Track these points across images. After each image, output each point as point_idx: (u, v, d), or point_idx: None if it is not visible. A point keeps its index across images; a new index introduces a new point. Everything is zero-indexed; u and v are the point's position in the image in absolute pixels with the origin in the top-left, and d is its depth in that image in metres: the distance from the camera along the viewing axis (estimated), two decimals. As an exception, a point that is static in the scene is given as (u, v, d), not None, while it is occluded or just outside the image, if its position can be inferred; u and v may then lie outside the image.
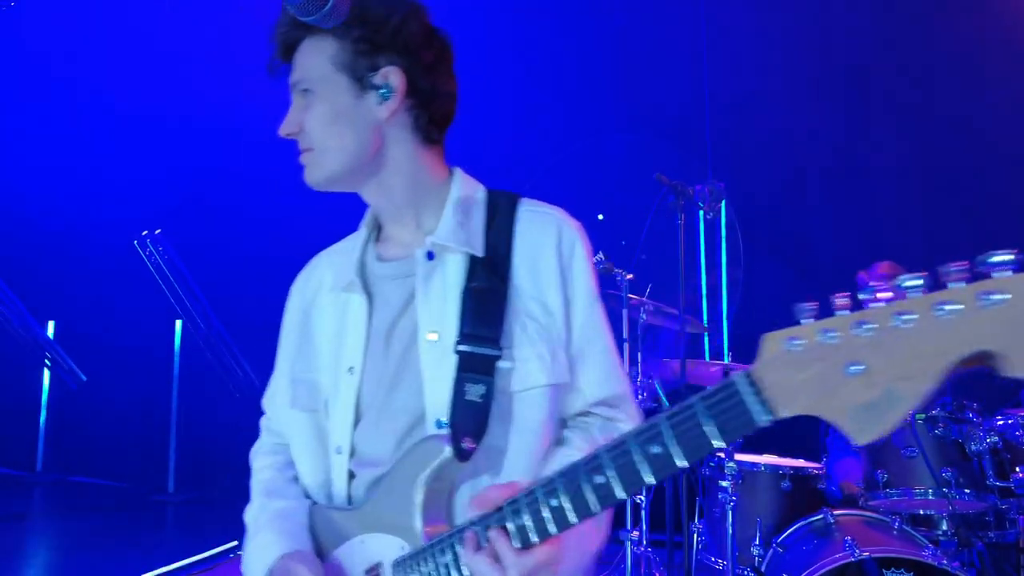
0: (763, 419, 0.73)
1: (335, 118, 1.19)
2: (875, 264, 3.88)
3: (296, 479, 1.31)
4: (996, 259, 0.61)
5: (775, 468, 3.10)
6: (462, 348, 1.13)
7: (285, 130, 1.21)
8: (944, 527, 2.92)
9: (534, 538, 0.93)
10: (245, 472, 1.42)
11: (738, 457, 3.14)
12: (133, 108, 7.72)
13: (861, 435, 0.65)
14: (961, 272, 0.61)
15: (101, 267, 7.80)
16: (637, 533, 3.46)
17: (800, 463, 3.26)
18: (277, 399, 1.38)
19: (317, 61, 1.20)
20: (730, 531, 2.92)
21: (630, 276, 3.39)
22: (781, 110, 5.81)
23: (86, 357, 8.27)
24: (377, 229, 1.34)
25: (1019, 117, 5.10)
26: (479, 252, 1.19)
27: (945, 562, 2.35)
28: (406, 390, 1.18)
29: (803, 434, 5.00)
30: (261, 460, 1.38)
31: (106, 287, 7.85)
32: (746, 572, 2.97)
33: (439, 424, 1.13)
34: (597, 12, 6.17)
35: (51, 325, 8.41)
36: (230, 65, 7.25)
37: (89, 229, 7.76)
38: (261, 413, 1.47)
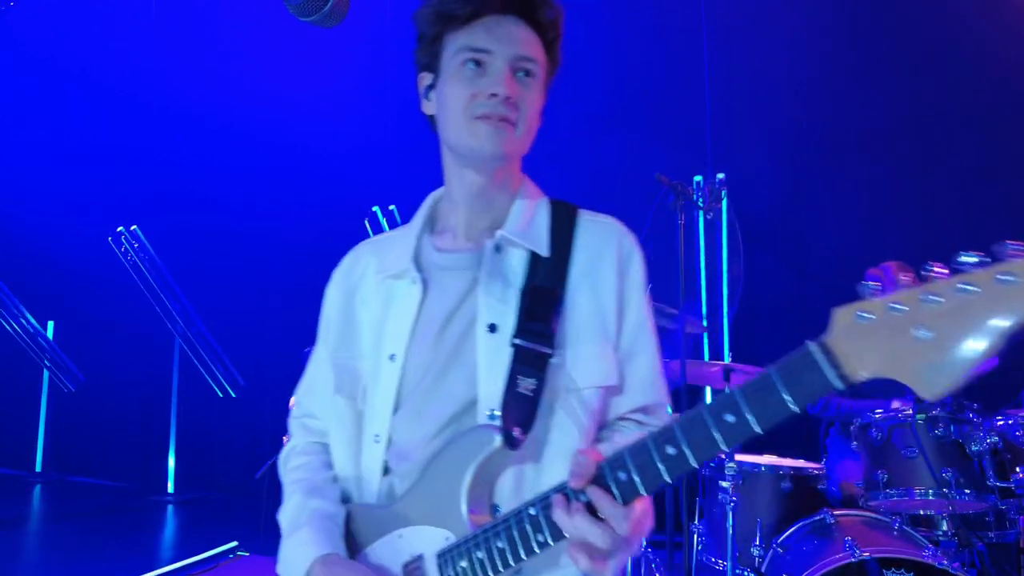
0: (838, 383, 0.80)
1: (540, 110, 1.26)
2: (886, 265, 3.89)
3: (334, 480, 1.30)
4: None
5: (775, 468, 3.10)
6: (518, 342, 1.16)
7: (507, 92, 1.18)
8: (944, 527, 2.91)
9: (629, 497, 0.96)
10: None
11: (738, 457, 3.14)
12: (128, 106, 7.72)
13: (930, 392, 0.74)
14: (1018, 249, 0.72)
15: (102, 267, 7.79)
16: (637, 533, 3.46)
17: (800, 463, 3.26)
18: (317, 388, 1.37)
19: (541, 52, 1.24)
20: (730, 531, 2.92)
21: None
22: (781, 109, 5.81)
23: (86, 357, 8.27)
24: (432, 222, 1.36)
25: (1018, 116, 5.09)
26: (543, 252, 1.23)
27: (945, 562, 2.35)
28: (457, 379, 1.19)
29: (803, 435, 5.01)
30: (296, 459, 1.36)
31: (106, 287, 7.84)
32: (746, 572, 2.97)
33: (492, 416, 1.15)
34: (597, 12, 6.16)
35: (50, 326, 8.41)
36: (222, 61, 7.26)
37: (90, 229, 7.76)
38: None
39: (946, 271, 0.75)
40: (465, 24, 1.20)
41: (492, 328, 1.18)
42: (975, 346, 0.71)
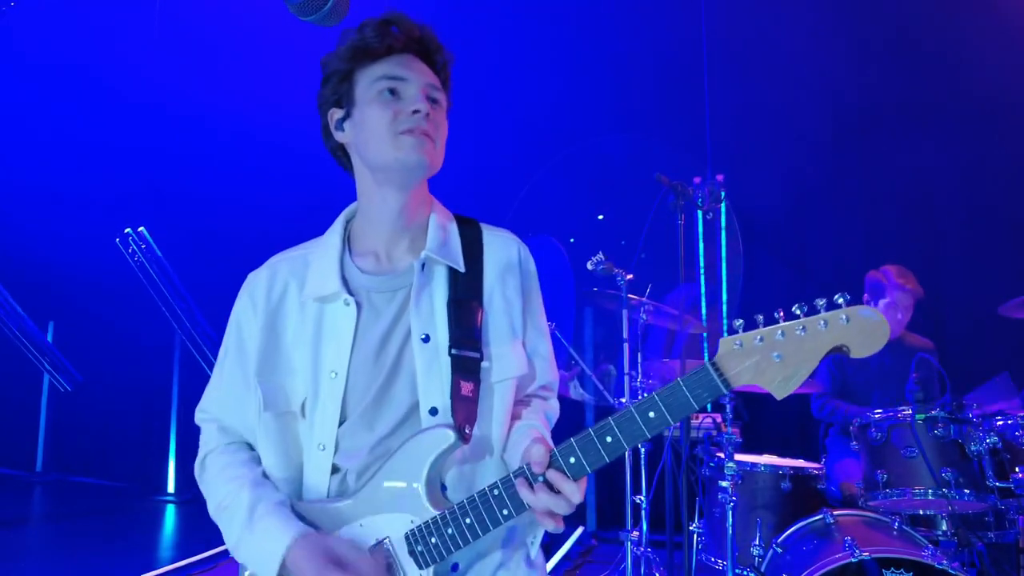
0: (723, 388, 1.15)
1: (446, 137, 1.42)
2: (887, 269, 3.90)
3: (263, 475, 1.39)
4: (840, 299, 1.11)
5: (775, 468, 3.10)
6: (455, 352, 1.34)
7: (427, 109, 1.34)
8: (944, 527, 2.92)
9: (577, 474, 1.22)
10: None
11: (738, 457, 3.13)
12: (134, 107, 7.72)
13: (780, 394, 1.15)
14: (828, 303, 1.12)
15: (102, 267, 7.79)
16: (637, 533, 3.46)
17: (800, 463, 3.26)
18: (233, 402, 1.44)
19: (444, 80, 1.44)
20: (730, 531, 2.92)
21: (630, 276, 3.38)
22: (781, 110, 5.81)
23: (86, 357, 8.27)
24: (349, 243, 1.48)
25: (1018, 116, 5.10)
26: (461, 268, 1.40)
27: (945, 562, 2.35)
28: (400, 388, 1.35)
29: (803, 434, 5.01)
30: (221, 459, 1.43)
31: (106, 287, 7.84)
32: (746, 572, 2.98)
33: (432, 411, 1.32)
34: (597, 12, 6.16)
35: (50, 326, 8.41)
36: (222, 62, 7.26)
37: (90, 229, 7.76)
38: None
39: (798, 313, 1.14)
40: (376, 60, 1.37)
41: (426, 339, 1.35)
42: (806, 365, 1.13)
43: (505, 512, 1.25)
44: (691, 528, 3.21)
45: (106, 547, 5.38)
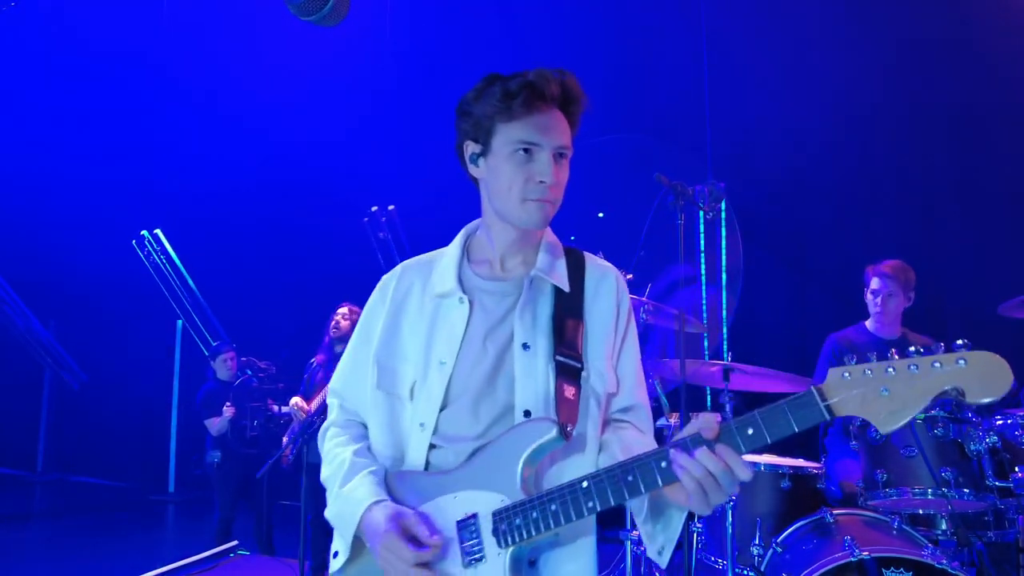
0: (826, 415, 1.18)
1: (566, 175, 1.53)
2: (883, 261, 3.89)
3: (369, 448, 1.54)
4: (960, 342, 1.12)
5: (775, 468, 3.10)
6: (560, 358, 1.46)
7: (554, 180, 1.47)
8: (943, 527, 2.91)
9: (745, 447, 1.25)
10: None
11: (738, 457, 3.13)
12: (131, 108, 7.73)
13: (885, 428, 1.16)
14: (954, 347, 1.13)
15: (102, 267, 7.80)
16: (637, 533, 3.46)
17: (800, 463, 3.25)
18: (355, 380, 1.61)
19: (571, 137, 1.52)
20: (730, 531, 2.92)
21: (630, 276, 3.38)
22: (781, 110, 5.81)
23: (86, 357, 8.28)
24: (468, 252, 1.63)
25: (1018, 116, 5.10)
26: (566, 288, 1.54)
27: (944, 562, 2.35)
28: (500, 385, 1.46)
29: (802, 434, 5.01)
30: (336, 431, 1.59)
31: (107, 287, 7.86)
32: (746, 572, 2.97)
33: (527, 414, 1.42)
34: (597, 12, 6.17)
35: (51, 326, 8.42)
36: (229, 66, 7.26)
37: (90, 229, 7.77)
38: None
39: (915, 351, 1.16)
40: (516, 119, 1.46)
41: (525, 346, 1.47)
42: (915, 403, 1.14)
43: (591, 504, 1.29)
44: (691, 527, 3.21)
45: (106, 547, 5.38)
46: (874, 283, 3.84)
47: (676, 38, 6.07)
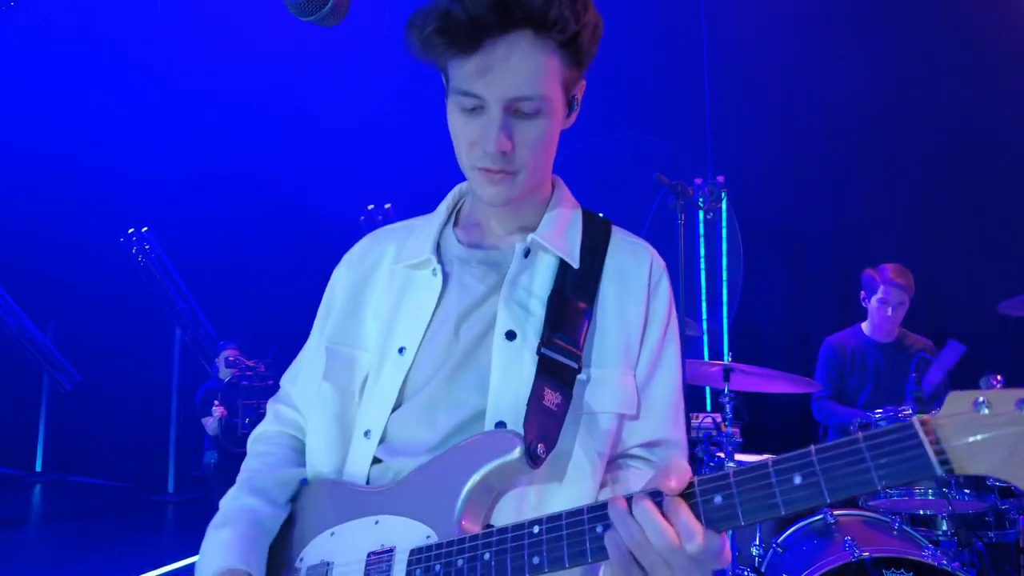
0: (940, 472, 0.73)
1: (550, 141, 1.11)
2: (885, 267, 3.89)
3: (281, 482, 1.22)
4: None
5: (775, 468, 3.09)
6: (546, 352, 1.08)
7: (503, 148, 1.05)
8: (944, 527, 2.91)
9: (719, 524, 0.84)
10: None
11: (738, 457, 3.13)
12: (127, 106, 7.72)
13: None
14: None
15: (101, 267, 7.80)
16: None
17: (800, 463, 3.24)
18: (303, 373, 1.30)
19: (549, 78, 1.05)
20: (730, 532, 2.91)
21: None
22: (781, 109, 5.81)
23: (86, 357, 8.27)
24: (457, 211, 1.27)
25: (1018, 116, 5.09)
26: (574, 263, 1.16)
27: (945, 562, 2.34)
28: (466, 384, 1.11)
29: (803, 434, 5.00)
30: (258, 447, 1.30)
31: (107, 287, 7.85)
32: (746, 572, 2.97)
33: (500, 425, 1.06)
34: (597, 11, 6.16)
35: (50, 327, 8.41)
36: (223, 64, 7.26)
37: (90, 229, 7.76)
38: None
39: None
40: (461, 53, 1.03)
41: (510, 335, 1.11)
42: None
43: (536, 560, 0.91)
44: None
45: (106, 547, 5.38)
46: (883, 292, 3.82)
47: (676, 38, 6.07)
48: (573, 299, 1.12)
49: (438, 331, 1.15)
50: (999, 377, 0.74)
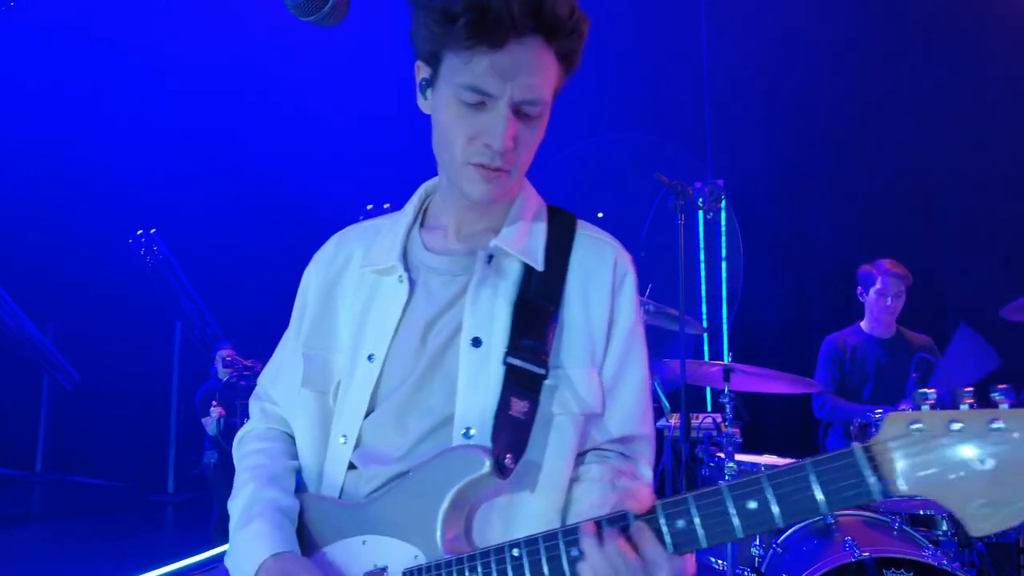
0: (876, 494, 0.76)
1: (538, 144, 1.14)
2: (881, 261, 3.91)
3: (292, 470, 1.25)
4: None
5: (775, 468, 3.09)
6: (512, 360, 1.10)
7: (506, 146, 1.07)
8: (944, 527, 2.91)
9: (682, 547, 0.89)
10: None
11: (738, 457, 3.13)
12: (128, 106, 7.72)
13: (980, 528, 0.69)
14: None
15: (102, 267, 7.80)
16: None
17: (800, 463, 3.24)
18: (282, 376, 1.32)
19: (550, 84, 1.10)
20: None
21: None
22: (781, 110, 5.81)
23: (86, 357, 8.27)
24: (423, 215, 1.29)
25: (1018, 116, 5.09)
26: (539, 266, 1.17)
27: (945, 562, 2.34)
28: (435, 391, 1.14)
29: (803, 434, 5.00)
30: (253, 444, 1.30)
31: (106, 287, 7.84)
32: (746, 572, 2.97)
33: (467, 434, 1.09)
34: (597, 11, 6.16)
35: (50, 327, 8.41)
36: (226, 64, 7.26)
37: (91, 229, 7.76)
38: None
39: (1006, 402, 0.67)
40: (465, 50, 1.03)
41: (476, 342, 1.12)
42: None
43: None
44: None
45: (106, 547, 5.37)
46: (881, 283, 3.86)
47: (676, 38, 6.07)
48: (538, 302, 1.14)
49: (405, 338, 1.17)
50: (1000, 386, 0.72)
